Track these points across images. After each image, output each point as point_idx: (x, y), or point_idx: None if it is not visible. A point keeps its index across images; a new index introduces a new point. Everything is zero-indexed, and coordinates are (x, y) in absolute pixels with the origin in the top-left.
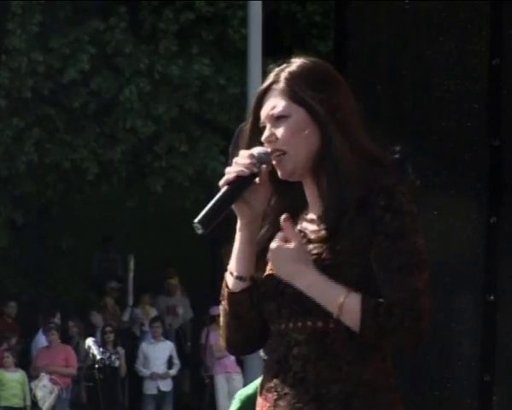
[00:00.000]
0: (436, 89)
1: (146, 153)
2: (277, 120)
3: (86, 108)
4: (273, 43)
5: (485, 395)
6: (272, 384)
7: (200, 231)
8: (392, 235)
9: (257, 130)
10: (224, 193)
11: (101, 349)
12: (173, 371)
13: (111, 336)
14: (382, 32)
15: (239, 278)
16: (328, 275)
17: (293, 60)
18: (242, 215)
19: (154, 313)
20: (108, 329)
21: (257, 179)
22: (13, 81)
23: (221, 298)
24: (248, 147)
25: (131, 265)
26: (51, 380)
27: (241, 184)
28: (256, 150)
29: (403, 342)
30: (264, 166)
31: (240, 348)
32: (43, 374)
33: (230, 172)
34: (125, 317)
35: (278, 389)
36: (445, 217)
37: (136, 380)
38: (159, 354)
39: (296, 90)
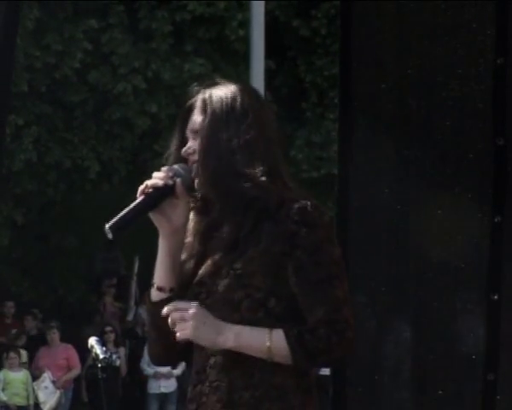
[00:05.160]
0: (441, 88)
1: (146, 151)
2: (196, 134)
3: (84, 105)
4: (274, 45)
5: (488, 395)
6: (193, 395)
7: (109, 236)
8: (309, 248)
9: (183, 141)
10: (138, 203)
11: (104, 348)
12: (177, 371)
13: (111, 336)
14: (387, 31)
15: (159, 288)
16: (241, 284)
17: (222, 82)
18: (161, 227)
19: None
20: (109, 329)
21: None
22: None
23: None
24: (175, 161)
25: (136, 267)
26: (53, 382)
27: (155, 195)
28: (175, 165)
29: (335, 357)
30: (178, 179)
31: (161, 358)
32: (45, 375)
33: (147, 183)
34: (129, 317)
35: (197, 399)
36: (449, 216)
37: (139, 380)
38: None
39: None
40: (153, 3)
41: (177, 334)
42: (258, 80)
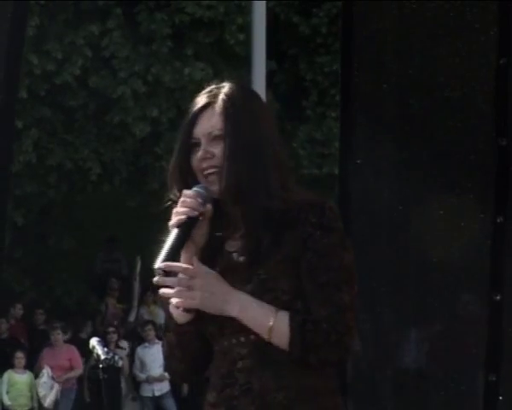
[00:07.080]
0: (443, 88)
1: (146, 153)
2: (215, 138)
3: (83, 109)
4: (275, 47)
5: (490, 395)
6: (220, 399)
7: (158, 277)
8: (320, 251)
9: (188, 146)
10: (177, 236)
11: (105, 349)
12: None
13: (114, 337)
14: (389, 31)
15: (186, 310)
16: (267, 288)
17: (227, 83)
18: (186, 250)
19: (161, 313)
20: (111, 329)
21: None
22: None
23: (166, 330)
24: (179, 163)
25: (138, 267)
26: (52, 377)
27: (190, 224)
28: (198, 188)
29: (329, 357)
30: (208, 205)
31: (185, 376)
32: (44, 371)
33: (180, 212)
34: (131, 317)
35: (226, 403)
36: (451, 216)
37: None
38: (154, 357)
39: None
40: (151, 6)
41: (176, 301)
42: (259, 83)
